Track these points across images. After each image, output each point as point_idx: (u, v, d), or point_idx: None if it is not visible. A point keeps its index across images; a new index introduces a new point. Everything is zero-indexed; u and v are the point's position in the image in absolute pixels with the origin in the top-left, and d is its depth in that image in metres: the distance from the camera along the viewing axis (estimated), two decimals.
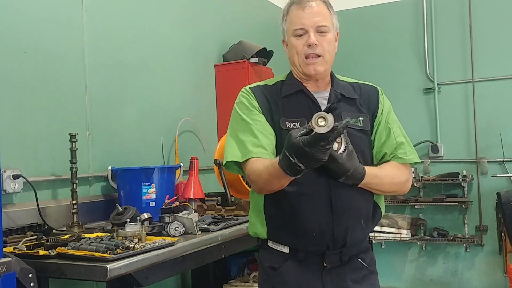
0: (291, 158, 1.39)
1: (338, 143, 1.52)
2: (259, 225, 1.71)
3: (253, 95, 1.73)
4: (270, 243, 1.71)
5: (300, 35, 1.68)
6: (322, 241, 1.62)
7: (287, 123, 1.65)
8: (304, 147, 1.35)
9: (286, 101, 1.71)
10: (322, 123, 1.31)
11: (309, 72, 1.68)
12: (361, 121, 1.69)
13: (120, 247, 1.77)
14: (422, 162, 4.45)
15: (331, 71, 1.76)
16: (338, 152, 1.51)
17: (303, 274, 1.66)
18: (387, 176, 1.68)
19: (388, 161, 1.71)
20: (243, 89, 1.78)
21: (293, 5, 1.73)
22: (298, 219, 1.62)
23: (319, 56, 1.67)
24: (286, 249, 1.68)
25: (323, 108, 1.66)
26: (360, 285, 1.69)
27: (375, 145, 1.73)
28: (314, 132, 1.32)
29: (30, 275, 1.62)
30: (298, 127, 1.58)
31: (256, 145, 1.62)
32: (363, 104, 1.73)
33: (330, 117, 1.31)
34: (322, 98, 1.70)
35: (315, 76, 1.69)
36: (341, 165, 1.52)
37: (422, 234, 4.60)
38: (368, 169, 1.61)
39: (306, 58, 1.67)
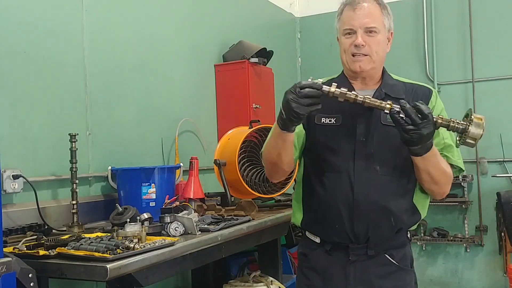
0: (280, 108, 1.57)
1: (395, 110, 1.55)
2: (298, 214, 1.86)
3: None
4: (307, 233, 1.85)
5: (349, 34, 1.72)
6: (344, 234, 1.71)
7: (322, 118, 1.75)
8: (286, 93, 1.53)
9: (329, 98, 1.74)
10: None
11: (354, 69, 1.72)
12: None
13: (120, 247, 1.77)
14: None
15: (384, 71, 1.81)
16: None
17: (329, 263, 1.77)
18: (443, 163, 1.70)
19: None
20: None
21: (347, 6, 1.76)
22: (324, 211, 1.74)
23: (365, 55, 1.70)
24: (317, 239, 1.81)
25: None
26: (385, 281, 1.73)
27: None
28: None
29: (30, 275, 1.62)
30: (333, 123, 1.73)
31: None
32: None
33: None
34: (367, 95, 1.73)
35: (361, 73, 1.74)
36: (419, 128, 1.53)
37: (422, 234, 4.60)
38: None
39: (353, 56, 1.71)
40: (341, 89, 1.56)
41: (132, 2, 3.08)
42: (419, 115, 1.51)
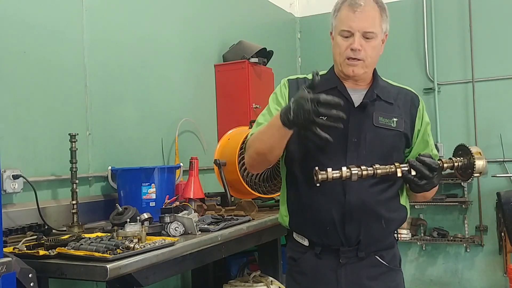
0: (290, 104, 1.49)
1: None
2: (284, 215, 1.81)
3: (287, 87, 1.81)
4: (294, 235, 1.81)
5: (346, 37, 1.68)
6: (336, 237, 1.68)
7: None
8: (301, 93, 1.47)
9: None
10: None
11: (347, 72, 1.70)
12: (394, 121, 1.71)
13: (120, 247, 1.77)
14: None
15: (375, 72, 1.79)
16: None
17: (320, 267, 1.73)
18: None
19: None
20: (282, 80, 1.86)
21: (345, 3, 1.70)
22: (314, 213, 1.70)
23: (359, 60, 1.68)
24: (306, 242, 1.77)
25: (356, 105, 1.70)
26: (377, 282, 1.72)
27: (412, 152, 1.77)
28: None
29: (30, 275, 1.63)
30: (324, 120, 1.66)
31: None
32: (401, 107, 1.76)
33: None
34: (358, 95, 1.73)
35: (354, 77, 1.71)
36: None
37: (422, 234, 4.60)
38: None
39: (347, 59, 1.68)
40: (352, 170, 1.54)
41: (132, 2, 3.08)
42: (429, 169, 1.55)
